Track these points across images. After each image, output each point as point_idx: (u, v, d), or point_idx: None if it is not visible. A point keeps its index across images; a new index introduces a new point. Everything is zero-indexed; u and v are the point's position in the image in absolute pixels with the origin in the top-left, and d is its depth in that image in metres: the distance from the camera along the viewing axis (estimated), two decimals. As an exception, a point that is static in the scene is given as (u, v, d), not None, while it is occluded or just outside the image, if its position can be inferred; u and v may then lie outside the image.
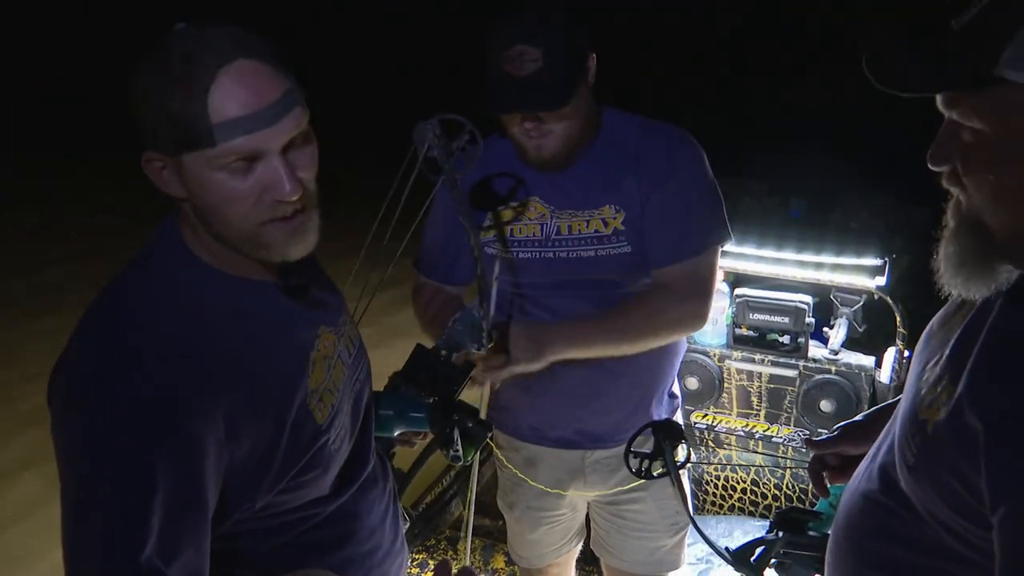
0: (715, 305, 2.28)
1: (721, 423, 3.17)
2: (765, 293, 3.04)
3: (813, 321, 3.02)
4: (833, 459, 1.46)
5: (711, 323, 3.04)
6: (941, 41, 0.94)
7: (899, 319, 2.91)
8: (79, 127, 10.05)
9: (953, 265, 1.01)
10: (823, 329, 3.14)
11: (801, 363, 3.04)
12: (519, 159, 1.82)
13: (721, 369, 3.13)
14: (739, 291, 3.08)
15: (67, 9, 15.77)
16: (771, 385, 3.11)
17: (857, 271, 2.96)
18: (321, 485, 1.25)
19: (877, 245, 2.98)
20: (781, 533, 1.50)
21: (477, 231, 1.58)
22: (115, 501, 0.99)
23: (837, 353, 3.03)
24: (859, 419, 1.45)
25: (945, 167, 0.99)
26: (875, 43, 1.00)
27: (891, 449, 1.15)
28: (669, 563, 2.15)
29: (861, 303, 3.06)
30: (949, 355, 1.06)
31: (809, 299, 3.02)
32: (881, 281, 2.90)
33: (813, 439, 1.47)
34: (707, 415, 3.21)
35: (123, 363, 1.05)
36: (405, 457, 1.65)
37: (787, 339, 3.05)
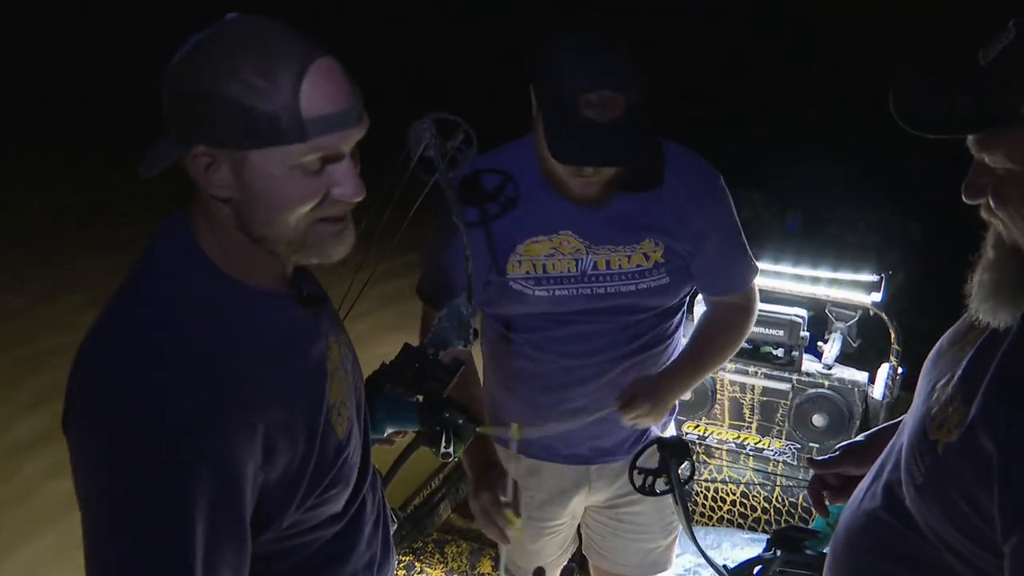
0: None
1: (712, 435, 3.16)
2: (760, 305, 3.03)
3: (808, 335, 3.02)
4: (834, 479, 1.45)
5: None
6: (965, 81, 0.95)
7: (894, 335, 2.91)
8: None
9: (987, 292, 1.01)
10: (817, 343, 3.14)
11: (794, 377, 3.03)
12: (549, 187, 1.72)
13: (714, 380, 3.12)
14: (735, 303, 3.06)
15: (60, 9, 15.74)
16: (764, 398, 3.10)
17: (853, 286, 2.96)
18: (340, 501, 1.21)
19: (874, 260, 2.99)
20: (778, 552, 1.50)
21: (468, 232, 1.56)
22: (155, 523, 0.95)
23: (831, 368, 3.03)
24: (861, 439, 1.44)
25: (981, 200, 0.99)
26: (901, 82, 1.00)
27: (897, 467, 1.14)
28: (662, 563, 2.15)
29: (856, 318, 3.06)
30: (961, 375, 1.06)
31: (804, 313, 3.01)
32: (877, 297, 2.90)
33: (814, 459, 1.47)
34: (699, 426, 3.19)
35: (155, 378, 0.99)
36: (383, 455, 1.63)
37: (781, 352, 3.05)
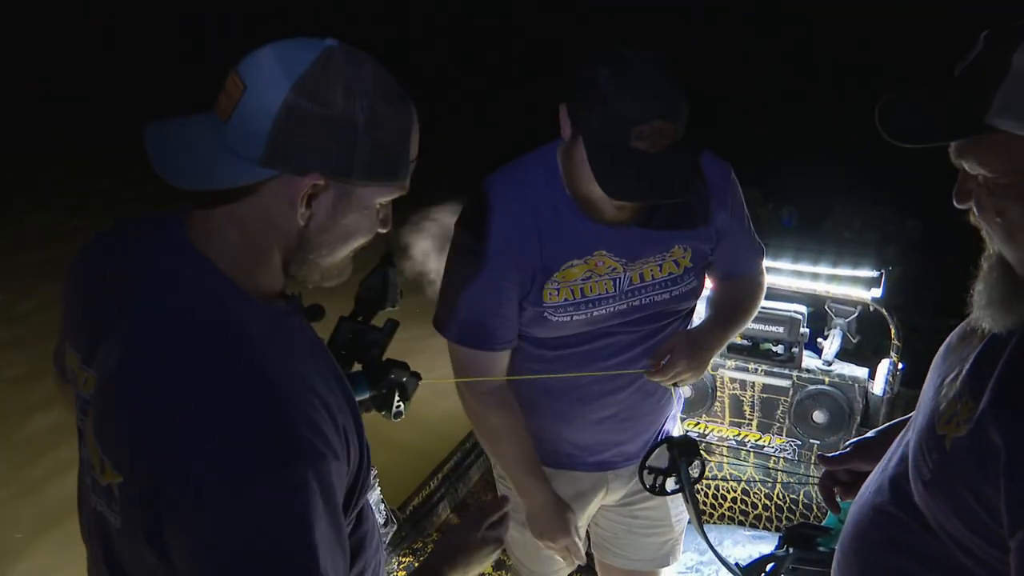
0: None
1: (713, 432, 3.15)
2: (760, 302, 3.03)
3: (807, 331, 3.01)
4: (845, 475, 1.45)
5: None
6: (940, 92, 0.98)
7: (894, 331, 2.90)
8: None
9: (983, 303, 1.03)
10: (817, 340, 3.13)
11: (794, 373, 3.02)
12: (579, 209, 1.66)
13: (714, 378, 3.11)
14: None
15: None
16: (764, 395, 3.09)
17: (853, 282, 2.95)
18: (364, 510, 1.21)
19: (873, 256, 2.98)
20: (791, 549, 1.49)
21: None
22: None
23: (831, 364, 3.02)
24: (871, 435, 1.44)
25: (969, 204, 1.02)
26: (888, 96, 1.03)
27: (902, 461, 1.14)
28: (673, 555, 2.16)
29: (856, 314, 3.05)
30: (970, 371, 1.06)
31: (804, 309, 3.00)
32: (877, 293, 2.89)
33: (825, 455, 1.46)
34: (699, 423, 3.19)
35: (275, 420, 0.94)
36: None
37: (781, 349, 3.04)
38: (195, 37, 14.94)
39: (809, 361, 3.04)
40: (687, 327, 1.88)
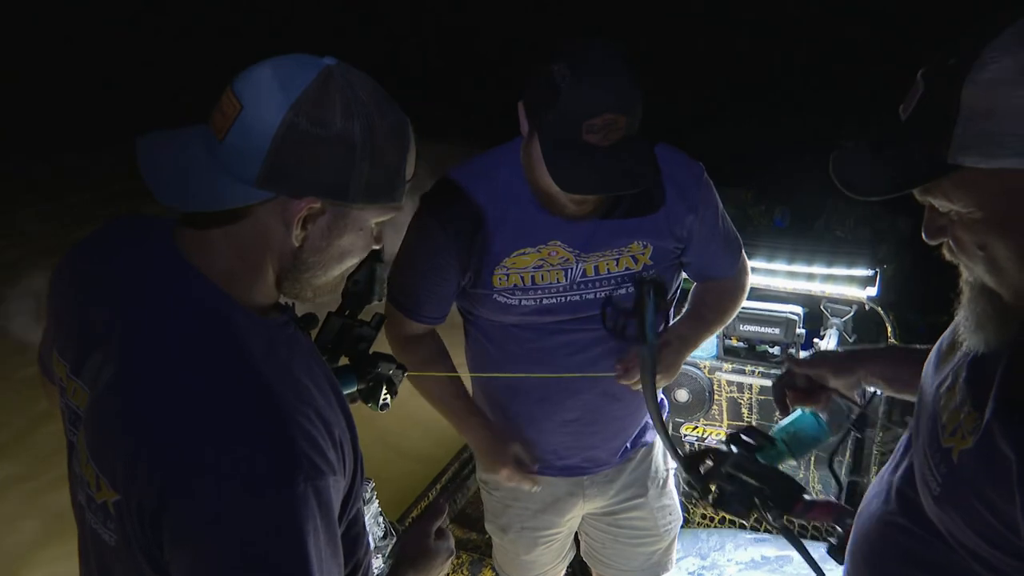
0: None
1: (711, 435, 3.14)
2: (755, 304, 3.01)
3: (804, 332, 3.00)
4: (803, 381, 1.50)
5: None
6: (894, 139, 0.97)
7: (890, 329, 2.89)
8: None
9: (972, 327, 1.03)
10: (813, 340, 3.12)
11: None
12: (540, 203, 1.70)
13: (711, 381, 3.10)
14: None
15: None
16: (762, 396, 3.08)
17: (848, 282, 2.94)
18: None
19: (868, 255, 2.97)
20: (734, 449, 1.50)
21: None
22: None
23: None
24: (839, 350, 1.49)
25: (942, 239, 1.01)
26: (840, 152, 1.03)
27: (908, 472, 1.13)
28: (664, 566, 2.15)
29: (851, 314, 3.04)
30: (967, 379, 1.04)
31: (800, 310, 2.99)
32: (872, 291, 2.88)
33: (794, 356, 1.52)
34: (697, 427, 3.17)
35: (275, 436, 0.94)
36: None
37: (777, 350, 3.03)
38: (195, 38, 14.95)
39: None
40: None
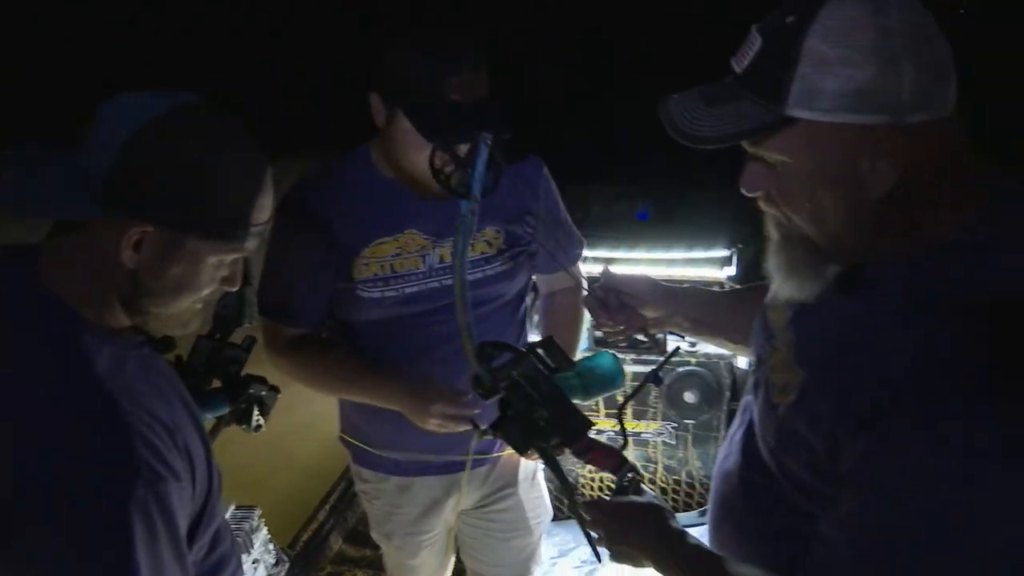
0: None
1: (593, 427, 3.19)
2: (621, 293, 3.09)
3: (669, 316, 3.08)
4: (614, 300, 1.58)
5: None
6: (729, 91, 1.00)
7: (750, 306, 3.01)
8: None
9: (785, 274, 1.07)
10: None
11: (661, 358, 3.08)
12: (398, 187, 1.75)
13: (587, 372, 3.15)
14: (595, 294, 3.10)
15: None
16: (635, 383, 3.15)
17: (708, 263, 3.06)
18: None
19: (725, 237, 3.09)
20: (532, 355, 1.32)
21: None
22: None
23: (695, 344, 3.11)
24: (660, 281, 1.58)
25: (759, 192, 1.05)
26: (672, 97, 1.05)
27: (749, 427, 1.20)
28: (534, 559, 2.21)
29: (713, 294, 3.15)
30: (789, 340, 1.11)
31: (664, 295, 3.08)
32: (731, 271, 3.01)
33: (609, 270, 1.60)
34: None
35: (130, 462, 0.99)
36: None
37: (644, 337, 3.10)
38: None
39: (674, 344, 3.12)
40: (512, 320, 1.93)
